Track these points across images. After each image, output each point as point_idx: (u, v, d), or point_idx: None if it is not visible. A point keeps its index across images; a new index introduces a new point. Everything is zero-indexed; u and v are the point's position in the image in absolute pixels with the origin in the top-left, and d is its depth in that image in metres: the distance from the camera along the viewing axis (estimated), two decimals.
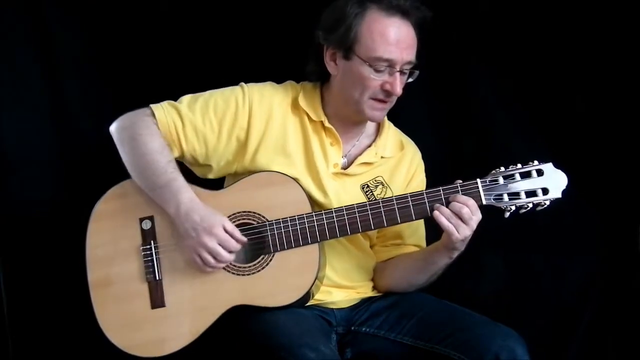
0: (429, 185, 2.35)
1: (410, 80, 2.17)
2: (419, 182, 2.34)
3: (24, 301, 2.74)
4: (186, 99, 2.22)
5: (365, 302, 2.29)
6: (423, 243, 2.33)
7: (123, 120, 2.21)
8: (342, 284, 2.25)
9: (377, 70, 2.11)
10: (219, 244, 2.07)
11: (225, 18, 2.78)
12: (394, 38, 2.10)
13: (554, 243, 2.76)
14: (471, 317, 2.15)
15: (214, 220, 2.08)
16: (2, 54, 2.68)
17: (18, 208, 2.74)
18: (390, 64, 2.11)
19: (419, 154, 2.38)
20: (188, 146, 2.19)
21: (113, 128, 2.21)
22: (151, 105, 2.20)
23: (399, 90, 2.12)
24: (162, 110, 2.19)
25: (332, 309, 2.25)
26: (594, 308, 2.78)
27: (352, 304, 2.28)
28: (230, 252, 2.08)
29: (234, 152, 2.21)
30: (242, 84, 2.24)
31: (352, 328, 2.25)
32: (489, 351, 2.01)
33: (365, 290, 2.30)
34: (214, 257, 2.08)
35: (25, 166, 2.74)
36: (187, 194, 2.11)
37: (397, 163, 2.31)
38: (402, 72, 2.13)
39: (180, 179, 2.13)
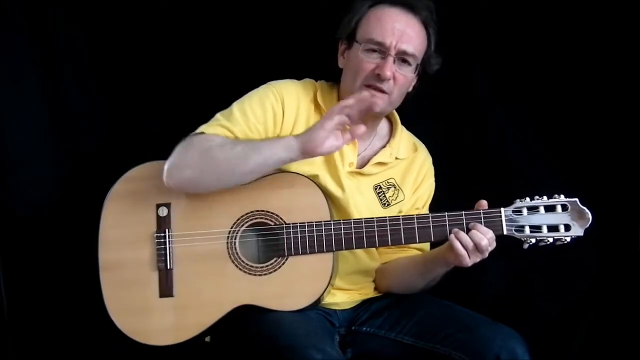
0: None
1: (408, 73, 2.17)
2: (427, 186, 2.35)
3: (24, 301, 2.74)
4: (220, 115, 2.18)
5: (366, 302, 2.29)
6: (427, 247, 2.32)
7: (178, 153, 2.09)
8: (345, 287, 2.26)
9: (370, 52, 2.14)
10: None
11: (228, 22, 2.77)
12: (388, 23, 2.15)
13: None
14: (472, 317, 2.15)
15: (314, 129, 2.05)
16: (3, 55, 2.68)
17: (18, 208, 2.74)
18: (382, 47, 2.14)
19: (429, 159, 2.39)
20: None
21: (170, 166, 2.08)
22: (197, 130, 2.13)
23: (386, 72, 2.13)
24: (209, 127, 2.13)
25: (335, 310, 2.25)
26: (594, 308, 2.78)
27: (354, 304, 2.28)
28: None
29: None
30: (268, 83, 2.23)
31: (353, 328, 2.25)
32: (489, 351, 2.01)
33: (367, 291, 2.31)
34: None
35: (25, 166, 2.73)
36: (283, 140, 2.07)
37: (409, 165, 2.33)
38: (400, 60, 2.15)
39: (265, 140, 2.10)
